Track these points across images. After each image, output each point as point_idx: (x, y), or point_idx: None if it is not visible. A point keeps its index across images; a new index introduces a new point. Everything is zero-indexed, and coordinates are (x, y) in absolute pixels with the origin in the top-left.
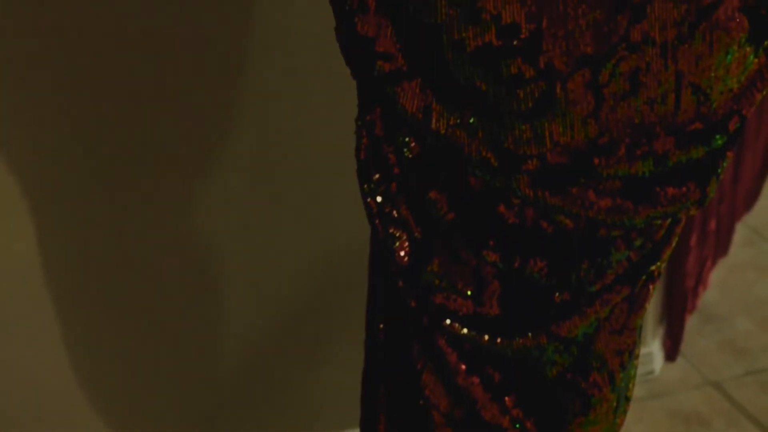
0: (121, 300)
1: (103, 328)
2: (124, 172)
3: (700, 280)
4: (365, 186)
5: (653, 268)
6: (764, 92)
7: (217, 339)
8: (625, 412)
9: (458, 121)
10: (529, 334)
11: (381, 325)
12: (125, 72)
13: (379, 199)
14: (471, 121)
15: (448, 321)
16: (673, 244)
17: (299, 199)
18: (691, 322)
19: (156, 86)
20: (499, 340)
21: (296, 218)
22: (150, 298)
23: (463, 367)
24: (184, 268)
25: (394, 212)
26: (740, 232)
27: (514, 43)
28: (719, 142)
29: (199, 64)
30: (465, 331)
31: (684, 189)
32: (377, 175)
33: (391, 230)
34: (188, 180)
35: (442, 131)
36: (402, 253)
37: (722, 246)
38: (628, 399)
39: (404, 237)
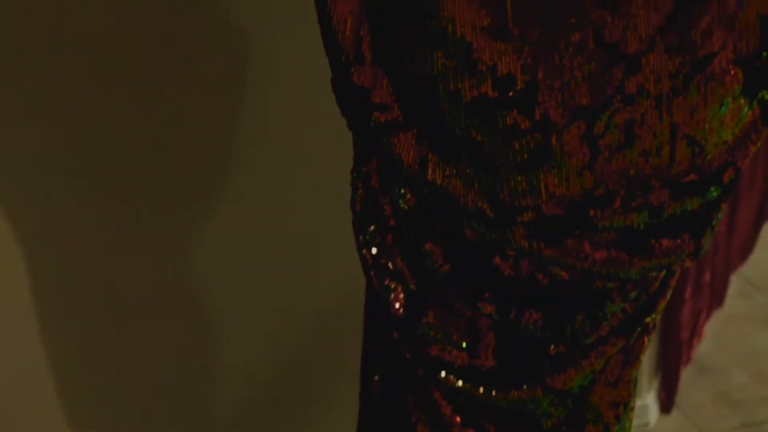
0: (116, 344)
1: (96, 369)
2: (120, 217)
3: (695, 332)
4: (360, 237)
5: (648, 320)
6: (758, 144)
7: (212, 387)
8: None
9: (454, 171)
10: (525, 386)
11: (376, 377)
12: (118, 120)
13: (374, 250)
14: (467, 172)
15: (443, 373)
16: (668, 296)
17: (294, 250)
18: (686, 374)
19: (150, 143)
20: (494, 392)
21: (291, 269)
22: (144, 340)
23: (458, 419)
24: (180, 315)
25: (390, 264)
26: (735, 283)
27: (510, 94)
28: (714, 194)
29: (197, 111)
30: (460, 383)
31: (679, 241)
32: (372, 227)
33: (386, 282)
34: (187, 226)
35: (438, 182)
36: (397, 305)
37: (717, 298)
38: None
39: (399, 289)
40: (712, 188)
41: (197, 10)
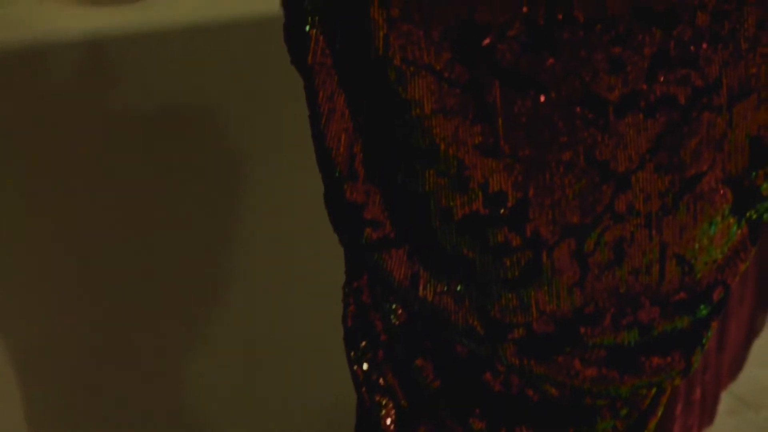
0: None
1: None
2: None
3: None
4: (352, 353)
5: None
6: (747, 262)
7: None
8: None
9: (445, 288)
10: None
11: None
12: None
13: (365, 366)
14: (458, 288)
15: None
16: (659, 414)
17: (285, 368)
18: None
19: (142, 262)
20: None
21: (281, 387)
22: None
23: None
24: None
25: (381, 380)
26: (725, 401)
27: (501, 211)
28: (704, 312)
29: (190, 229)
30: None
31: (669, 359)
32: (364, 343)
33: (377, 398)
34: (176, 344)
35: (430, 298)
36: (388, 422)
37: (707, 415)
38: None
39: (390, 405)
40: (702, 306)
41: (187, 131)
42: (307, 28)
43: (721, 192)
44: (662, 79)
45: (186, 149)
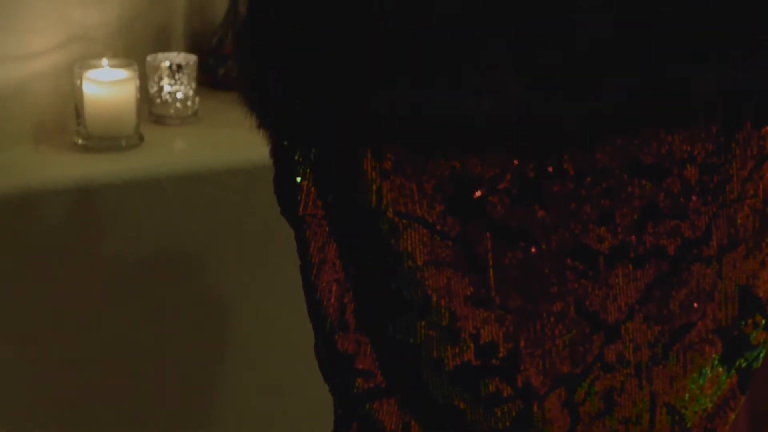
0: None
1: None
2: None
3: None
4: None
5: None
6: (737, 411)
7: None
8: None
9: None
10: None
11: None
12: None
13: None
14: None
15: None
16: None
17: None
18: None
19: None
20: None
21: None
22: None
23: None
24: None
25: None
26: None
27: (493, 362)
28: None
29: (176, 383)
30: None
31: None
32: None
33: None
34: None
35: None
36: None
37: None
38: None
39: None
40: None
41: (178, 276)
42: (298, 179)
43: (711, 341)
44: (652, 230)
45: (177, 295)
